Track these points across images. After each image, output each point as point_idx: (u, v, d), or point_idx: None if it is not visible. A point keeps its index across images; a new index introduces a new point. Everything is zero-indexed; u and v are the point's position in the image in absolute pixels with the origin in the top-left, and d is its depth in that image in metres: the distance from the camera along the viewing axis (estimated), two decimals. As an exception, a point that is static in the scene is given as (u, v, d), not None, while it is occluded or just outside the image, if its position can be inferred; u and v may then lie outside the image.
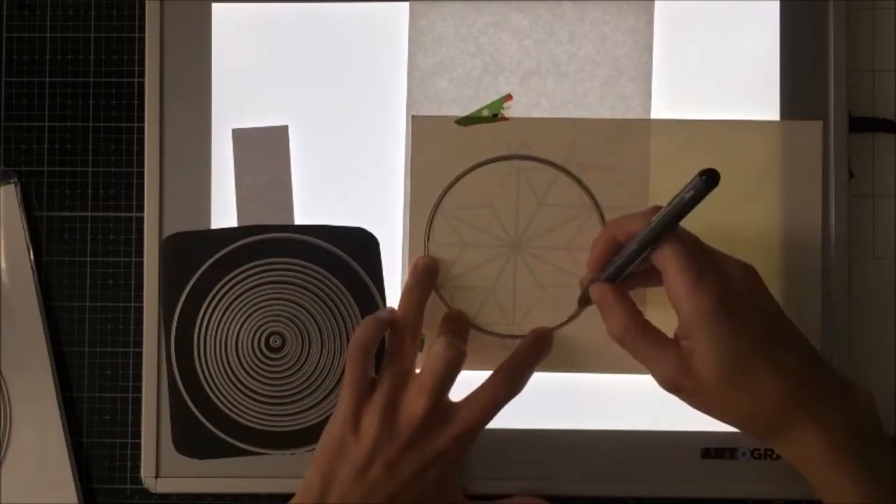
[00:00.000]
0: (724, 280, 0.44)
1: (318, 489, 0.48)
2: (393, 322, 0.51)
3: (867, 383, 0.52)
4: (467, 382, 0.50)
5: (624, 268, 0.47)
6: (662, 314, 0.47)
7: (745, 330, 0.44)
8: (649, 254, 0.46)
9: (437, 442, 0.49)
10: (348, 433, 0.49)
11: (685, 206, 0.43)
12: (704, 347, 0.44)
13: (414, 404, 0.49)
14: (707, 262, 0.45)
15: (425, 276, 0.52)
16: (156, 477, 0.54)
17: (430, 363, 0.49)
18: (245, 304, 0.54)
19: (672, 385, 0.45)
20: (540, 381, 0.52)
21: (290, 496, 0.50)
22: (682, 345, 0.45)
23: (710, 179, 0.42)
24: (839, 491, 0.44)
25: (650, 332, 0.46)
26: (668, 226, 0.44)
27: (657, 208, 0.46)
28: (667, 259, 0.45)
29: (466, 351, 0.50)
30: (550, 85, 0.54)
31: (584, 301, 0.51)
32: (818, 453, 0.44)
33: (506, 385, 0.50)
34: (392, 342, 0.51)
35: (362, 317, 0.54)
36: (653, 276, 0.47)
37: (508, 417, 0.51)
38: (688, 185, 0.43)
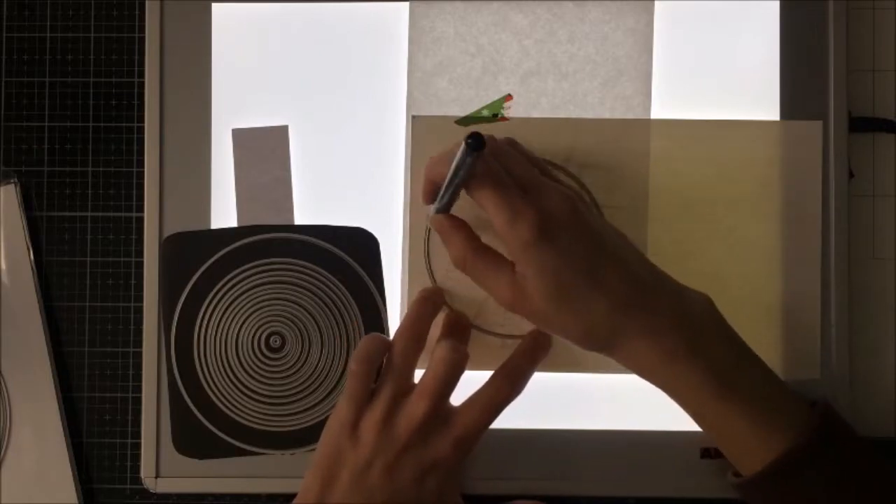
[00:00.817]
0: (543, 210, 0.45)
1: (318, 492, 0.48)
2: (396, 336, 0.51)
3: (867, 383, 0.52)
4: (467, 383, 0.50)
5: (449, 204, 0.48)
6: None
7: (567, 256, 0.45)
8: (469, 193, 0.47)
9: (436, 446, 0.49)
10: (345, 439, 0.49)
11: (459, 172, 0.45)
12: (530, 275, 0.46)
13: (415, 407, 0.49)
14: (523, 196, 0.46)
15: (430, 306, 0.52)
16: (156, 477, 0.54)
17: (433, 367, 0.49)
18: (245, 304, 0.54)
19: (509, 307, 0.48)
20: (540, 381, 0.52)
21: (290, 496, 0.50)
22: (516, 270, 0.47)
23: (475, 143, 0.42)
24: (681, 390, 0.46)
25: (488, 257, 0.48)
26: (457, 185, 0.46)
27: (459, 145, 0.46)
28: (481, 199, 0.46)
29: (469, 354, 0.50)
30: (550, 85, 0.54)
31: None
32: (652, 359, 0.46)
33: (505, 388, 0.50)
34: (393, 353, 0.51)
35: (362, 317, 0.54)
36: None
37: (509, 418, 0.51)
38: (459, 149, 0.44)
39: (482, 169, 0.46)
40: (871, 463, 0.46)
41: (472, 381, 0.51)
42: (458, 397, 0.50)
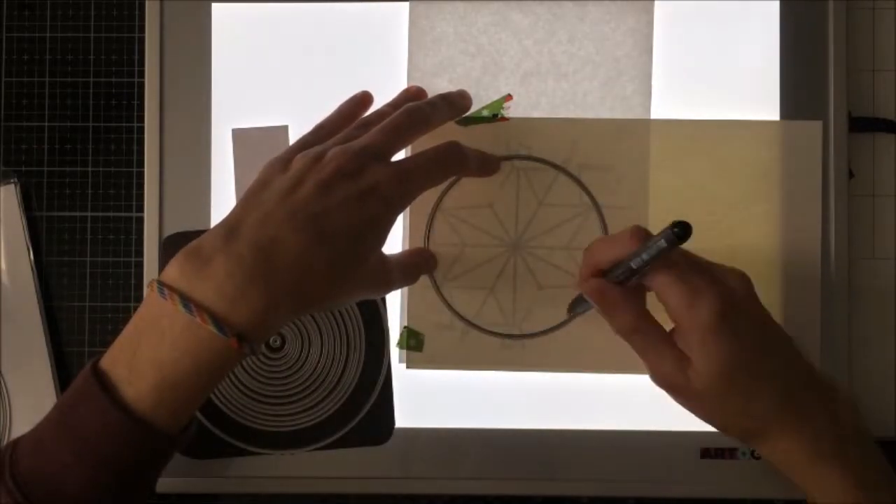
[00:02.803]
0: (721, 293, 0.44)
1: (238, 213, 0.43)
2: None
3: (867, 383, 0.52)
4: (466, 383, 0.50)
5: (623, 282, 0.47)
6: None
7: (740, 342, 0.44)
8: (642, 279, 0.45)
9: (374, 171, 0.44)
10: (273, 169, 0.45)
11: (655, 258, 0.43)
12: (701, 358, 0.44)
13: (359, 141, 0.46)
14: (702, 277, 0.44)
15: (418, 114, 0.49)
16: (156, 477, 0.54)
17: (397, 114, 0.47)
18: (245, 304, 0.54)
19: (666, 384, 0.46)
20: (540, 381, 0.52)
21: (289, 496, 0.49)
22: (681, 348, 0.45)
23: (681, 233, 0.41)
24: (823, 494, 0.45)
25: (656, 331, 0.46)
26: (642, 273, 0.44)
27: (639, 232, 0.45)
28: (660, 285, 0.45)
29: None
30: (550, 85, 0.54)
31: (574, 306, 0.51)
32: (800, 460, 0.45)
33: (441, 149, 0.48)
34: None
35: (362, 317, 0.54)
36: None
37: (509, 417, 0.51)
38: (661, 233, 0.42)
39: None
40: None
41: (471, 382, 0.51)
42: (458, 403, 0.50)
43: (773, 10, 0.54)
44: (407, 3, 0.55)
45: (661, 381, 0.46)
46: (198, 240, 0.43)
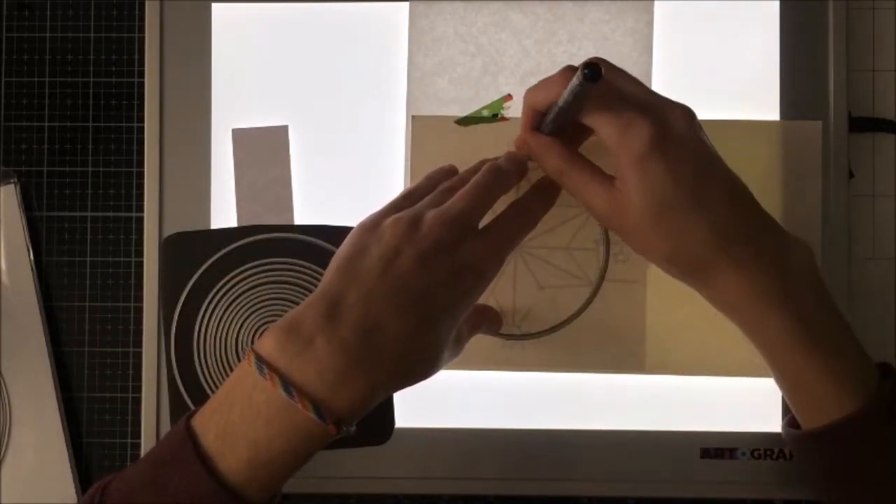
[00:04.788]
0: (655, 122, 0.44)
1: (337, 287, 0.42)
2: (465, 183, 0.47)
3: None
4: (466, 383, 0.50)
5: (553, 132, 0.47)
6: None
7: (675, 172, 0.44)
8: (577, 117, 0.46)
9: (468, 248, 0.44)
10: (367, 234, 0.44)
11: (573, 101, 0.44)
12: (633, 188, 0.44)
13: (451, 206, 0.44)
14: (635, 108, 0.44)
15: (503, 177, 0.48)
16: (156, 477, 0.54)
17: (479, 175, 0.46)
18: (245, 304, 0.54)
19: (604, 220, 0.47)
20: (540, 380, 0.52)
21: (290, 496, 0.49)
22: (616, 184, 0.45)
23: (591, 75, 0.41)
24: (763, 333, 0.45)
25: (587, 167, 0.46)
26: (567, 113, 0.45)
27: (567, 71, 0.46)
28: (595, 121, 0.45)
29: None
30: (550, 85, 0.54)
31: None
32: (741, 295, 0.44)
33: (528, 211, 0.48)
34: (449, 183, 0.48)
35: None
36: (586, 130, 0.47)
37: (509, 418, 0.51)
38: (574, 78, 0.43)
39: (596, 91, 0.44)
40: None
41: (470, 382, 0.51)
42: (458, 403, 0.50)
43: (773, 10, 0.54)
44: (407, 3, 0.55)
45: (599, 214, 0.46)
46: (296, 314, 0.42)
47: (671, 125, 0.44)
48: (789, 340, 0.44)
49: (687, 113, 0.45)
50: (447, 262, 0.43)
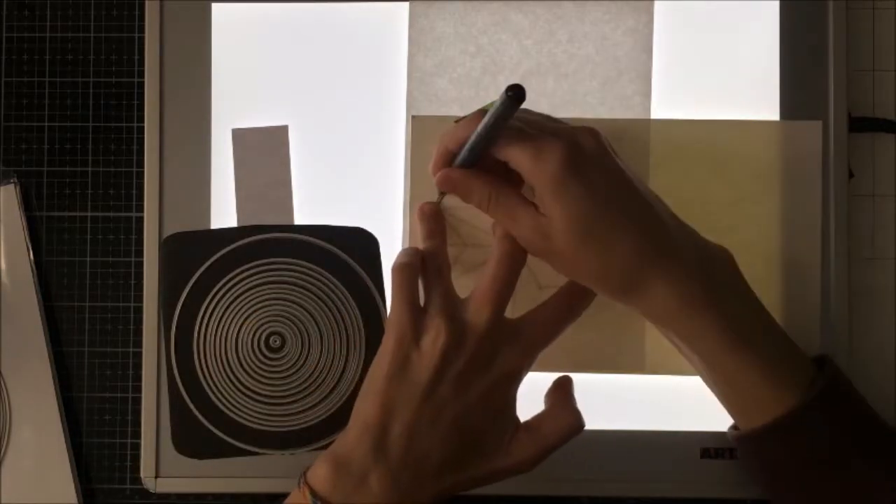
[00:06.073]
0: (566, 145, 0.45)
1: (380, 419, 0.45)
2: (424, 256, 0.49)
3: (867, 383, 0.52)
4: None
5: (471, 161, 0.48)
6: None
7: (592, 191, 0.45)
8: (491, 152, 0.46)
9: (504, 357, 0.47)
10: (411, 349, 0.46)
11: (495, 123, 0.45)
12: (555, 214, 0.45)
13: (478, 314, 0.46)
14: (545, 134, 0.45)
15: (438, 221, 0.51)
16: (155, 477, 0.54)
17: (492, 268, 0.47)
18: (245, 304, 0.54)
19: (530, 248, 0.47)
20: (540, 380, 0.52)
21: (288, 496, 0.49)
22: (539, 210, 0.46)
23: (515, 96, 0.42)
24: (695, 340, 0.46)
25: (512, 196, 0.47)
26: (487, 139, 0.46)
27: (480, 112, 0.47)
28: (508, 152, 0.46)
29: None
30: (550, 85, 0.54)
31: (441, 195, 0.51)
32: (670, 306, 0.45)
33: (565, 309, 0.49)
34: (428, 272, 0.49)
35: (362, 317, 0.54)
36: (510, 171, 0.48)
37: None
38: (498, 100, 0.44)
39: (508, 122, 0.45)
40: (868, 419, 0.47)
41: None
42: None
43: (773, 10, 0.54)
44: (407, 3, 0.55)
45: (528, 244, 0.47)
46: (344, 447, 0.46)
47: (582, 145, 0.45)
48: (720, 345, 0.45)
49: (594, 133, 0.46)
50: (484, 378, 0.46)
